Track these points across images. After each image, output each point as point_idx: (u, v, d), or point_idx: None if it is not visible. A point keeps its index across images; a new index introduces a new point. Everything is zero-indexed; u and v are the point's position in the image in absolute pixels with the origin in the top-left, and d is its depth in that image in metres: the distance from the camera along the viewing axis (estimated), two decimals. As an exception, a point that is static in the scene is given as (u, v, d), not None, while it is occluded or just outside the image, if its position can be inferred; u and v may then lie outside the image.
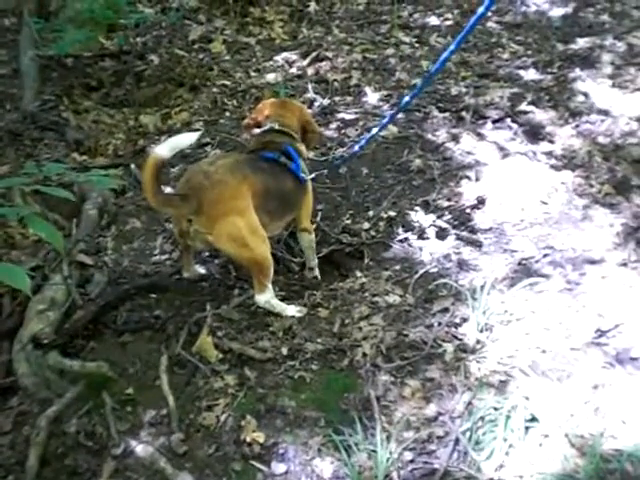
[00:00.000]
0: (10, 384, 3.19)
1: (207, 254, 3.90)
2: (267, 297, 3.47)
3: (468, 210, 4.20)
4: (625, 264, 3.69)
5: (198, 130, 3.25)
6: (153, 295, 3.65)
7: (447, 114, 5.11)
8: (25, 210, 2.59)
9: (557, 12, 6.49)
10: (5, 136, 4.85)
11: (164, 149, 3.12)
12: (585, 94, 5.16)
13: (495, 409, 2.93)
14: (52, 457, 2.90)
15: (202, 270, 3.80)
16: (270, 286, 3.46)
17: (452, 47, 3.43)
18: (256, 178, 3.39)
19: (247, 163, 3.45)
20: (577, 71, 5.44)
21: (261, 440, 2.89)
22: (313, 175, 3.82)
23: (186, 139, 3.23)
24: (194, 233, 3.32)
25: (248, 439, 2.90)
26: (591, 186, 4.24)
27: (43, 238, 2.53)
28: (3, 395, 3.16)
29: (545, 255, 3.80)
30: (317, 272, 3.90)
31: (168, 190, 3.86)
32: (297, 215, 3.74)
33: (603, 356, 3.17)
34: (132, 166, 4.70)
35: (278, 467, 2.81)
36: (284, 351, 3.29)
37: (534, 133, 4.79)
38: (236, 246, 3.31)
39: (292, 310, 3.54)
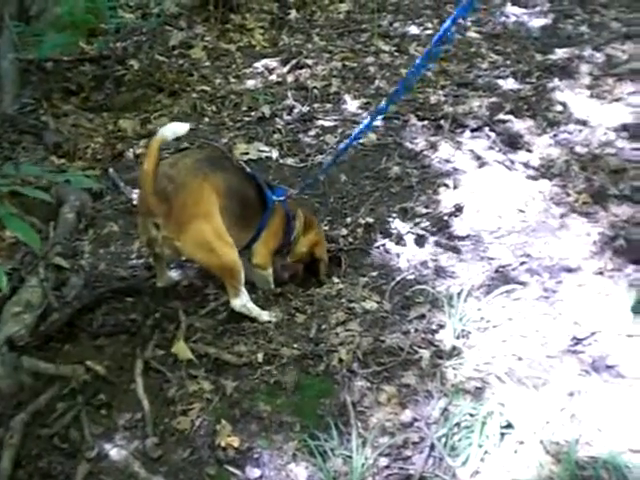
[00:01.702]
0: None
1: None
2: (243, 301, 3.45)
3: (446, 217, 4.21)
4: (601, 273, 3.71)
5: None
6: (129, 299, 3.63)
7: (426, 122, 5.14)
8: (2, 210, 2.57)
9: (536, 23, 6.55)
10: (-17, 139, 4.83)
11: (168, 132, 3.16)
12: (563, 104, 5.20)
13: (471, 415, 2.93)
14: (26, 459, 2.87)
15: (176, 275, 3.78)
16: (244, 289, 3.44)
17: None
18: (216, 176, 3.34)
19: (207, 161, 3.39)
20: (555, 81, 5.49)
21: (236, 444, 2.87)
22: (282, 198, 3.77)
23: (183, 127, 3.23)
24: (162, 240, 3.29)
25: (223, 443, 2.88)
26: (568, 195, 4.26)
27: (20, 238, 2.51)
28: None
29: (522, 263, 3.82)
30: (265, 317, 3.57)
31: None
32: (253, 247, 3.67)
33: (579, 364, 3.19)
34: (110, 170, 4.68)
35: (253, 472, 2.80)
36: (260, 356, 3.27)
37: (512, 142, 4.82)
38: (203, 252, 3.29)
39: (268, 315, 3.53)
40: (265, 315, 3.51)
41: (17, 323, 3.32)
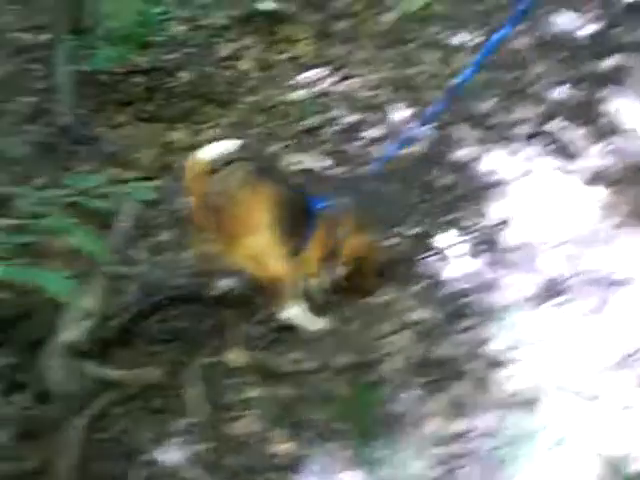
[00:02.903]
0: (44, 390, 3.21)
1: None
2: (291, 313, 3.50)
3: (495, 228, 4.20)
4: (655, 285, 3.68)
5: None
6: (183, 306, 3.70)
7: (474, 131, 5.13)
8: (66, 222, 2.65)
9: (586, 30, 6.47)
10: (41, 149, 4.92)
11: (204, 154, 3.28)
12: (615, 112, 5.14)
13: (523, 428, 2.93)
14: (83, 462, 2.93)
15: (229, 283, 3.83)
16: (295, 301, 3.49)
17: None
18: (266, 188, 3.40)
19: (257, 173, 3.46)
20: (606, 89, 5.43)
21: (289, 451, 2.91)
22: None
23: (227, 146, 3.36)
24: (213, 253, 3.35)
25: (276, 450, 2.92)
26: (621, 205, 4.22)
27: (85, 248, 2.57)
28: (38, 401, 3.19)
29: (574, 274, 3.78)
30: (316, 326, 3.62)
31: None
32: (303, 256, 3.67)
33: (632, 377, 3.15)
34: (163, 180, 4.76)
35: (306, 479, 2.83)
36: (312, 364, 3.31)
37: (564, 151, 4.76)
38: (254, 265, 3.37)
39: (319, 324, 3.57)
40: (316, 324, 3.55)
41: (75, 329, 3.38)
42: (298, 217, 3.60)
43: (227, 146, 3.33)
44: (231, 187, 3.33)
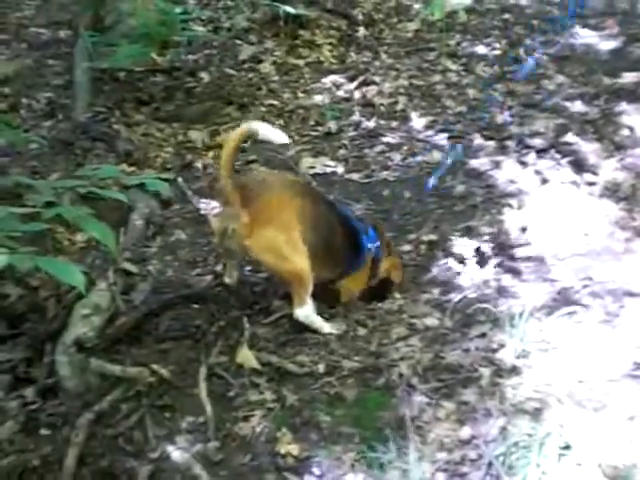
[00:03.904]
0: (52, 385, 3.24)
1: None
2: (307, 312, 3.49)
3: (509, 238, 4.20)
4: (665, 298, 3.67)
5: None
6: (195, 305, 3.71)
7: (491, 142, 5.14)
8: (80, 211, 2.66)
9: (605, 46, 6.49)
10: (56, 145, 4.96)
11: (257, 125, 3.29)
12: (630, 128, 5.14)
13: (529, 435, 2.91)
14: (90, 458, 2.94)
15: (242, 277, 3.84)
16: (310, 300, 3.49)
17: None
18: (305, 201, 3.43)
19: (302, 185, 3.61)
20: (623, 105, 5.42)
21: (295, 453, 2.91)
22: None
23: (277, 135, 3.35)
24: (232, 233, 3.35)
25: (283, 451, 2.91)
26: (634, 219, 4.22)
27: (96, 239, 2.58)
28: (45, 395, 3.21)
29: (585, 286, 3.78)
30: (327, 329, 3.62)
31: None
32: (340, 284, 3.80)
33: (639, 388, 3.15)
34: (179, 179, 4.79)
35: (311, 480, 2.84)
36: (321, 367, 3.31)
37: (578, 164, 4.78)
38: (272, 256, 3.37)
39: (330, 327, 3.57)
40: (327, 327, 3.55)
41: (85, 325, 3.39)
42: (336, 249, 3.64)
43: (271, 130, 3.37)
44: (277, 182, 3.44)
